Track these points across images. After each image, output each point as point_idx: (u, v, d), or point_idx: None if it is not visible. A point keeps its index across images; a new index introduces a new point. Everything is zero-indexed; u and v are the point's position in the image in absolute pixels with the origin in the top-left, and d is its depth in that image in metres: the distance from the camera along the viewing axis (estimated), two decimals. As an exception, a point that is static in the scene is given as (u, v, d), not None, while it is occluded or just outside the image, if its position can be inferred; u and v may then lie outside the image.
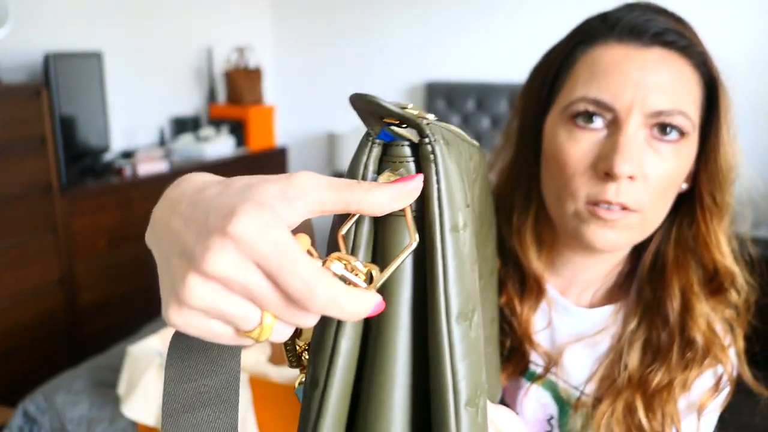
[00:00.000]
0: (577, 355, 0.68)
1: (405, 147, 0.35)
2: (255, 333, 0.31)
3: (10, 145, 2.06)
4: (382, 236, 0.35)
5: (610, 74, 0.57)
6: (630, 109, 0.56)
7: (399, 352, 0.34)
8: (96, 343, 2.36)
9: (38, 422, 1.42)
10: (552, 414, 0.69)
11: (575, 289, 0.70)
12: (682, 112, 0.57)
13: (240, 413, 1.13)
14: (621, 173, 0.55)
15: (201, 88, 3.42)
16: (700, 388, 0.66)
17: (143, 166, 2.65)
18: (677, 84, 0.58)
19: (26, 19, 2.47)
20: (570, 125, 0.59)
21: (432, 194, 0.33)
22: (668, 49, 0.58)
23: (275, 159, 3.43)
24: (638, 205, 0.58)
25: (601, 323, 0.68)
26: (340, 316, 0.31)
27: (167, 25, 3.16)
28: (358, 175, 0.36)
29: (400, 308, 0.34)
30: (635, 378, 0.64)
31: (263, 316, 0.31)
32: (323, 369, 0.34)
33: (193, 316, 0.30)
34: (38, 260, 2.19)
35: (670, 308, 0.64)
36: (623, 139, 0.56)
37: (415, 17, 3.42)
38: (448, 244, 0.33)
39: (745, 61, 2.78)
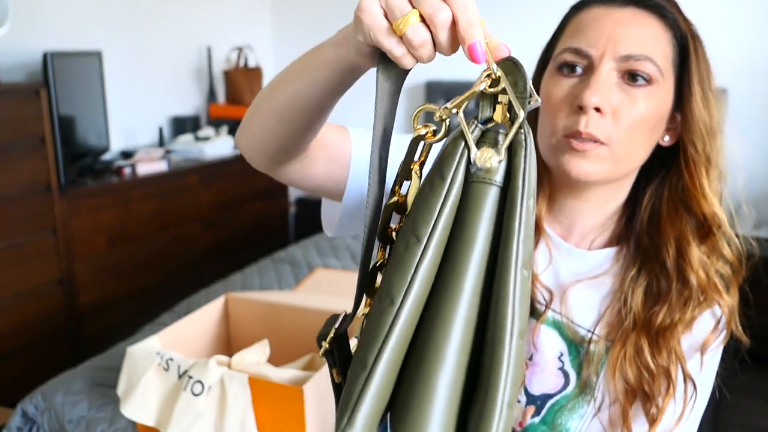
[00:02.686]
0: (581, 294, 0.74)
1: (500, 133, 0.43)
2: (399, 23, 0.43)
3: (10, 145, 2.06)
4: None
5: (589, 28, 0.68)
6: (603, 55, 0.66)
7: (465, 291, 0.42)
8: (95, 343, 2.35)
9: (37, 423, 1.41)
10: (561, 351, 0.75)
11: (575, 236, 0.77)
12: (649, 58, 0.66)
13: (240, 413, 1.12)
14: (588, 104, 0.64)
15: (200, 87, 3.42)
16: (701, 329, 0.72)
17: (143, 166, 2.65)
18: (647, 36, 0.67)
19: (25, 19, 2.47)
20: (557, 75, 0.69)
21: (519, 170, 0.41)
22: (642, 9, 0.68)
23: (275, 159, 3.42)
24: (607, 138, 0.66)
25: (603, 265, 0.75)
26: (460, 16, 0.43)
27: (167, 24, 3.16)
28: (459, 147, 0.43)
29: (471, 259, 0.42)
30: (640, 320, 0.71)
31: (410, 12, 0.43)
32: (401, 288, 0.41)
33: (371, 3, 0.45)
34: (37, 260, 2.19)
35: (666, 255, 0.71)
36: (594, 78, 0.66)
37: (415, 17, 3.42)
38: (525, 209, 0.41)
39: (746, 61, 2.78)
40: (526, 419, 0.76)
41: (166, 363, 1.18)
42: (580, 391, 0.74)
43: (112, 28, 2.87)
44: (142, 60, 3.05)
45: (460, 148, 0.42)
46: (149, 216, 2.64)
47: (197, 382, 1.14)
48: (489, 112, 0.44)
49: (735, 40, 2.78)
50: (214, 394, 1.14)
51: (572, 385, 0.74)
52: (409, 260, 0.41)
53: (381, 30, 0.45)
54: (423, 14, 0.44)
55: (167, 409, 1.17)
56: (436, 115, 0.44)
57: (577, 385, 0.74)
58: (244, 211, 3.21)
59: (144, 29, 3.03)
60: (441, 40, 0.45)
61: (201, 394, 1.14)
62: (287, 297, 1.58)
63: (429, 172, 0.44)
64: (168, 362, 1.18)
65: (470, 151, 0.42)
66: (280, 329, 1.40)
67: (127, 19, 2.94)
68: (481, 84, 0.43)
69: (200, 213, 2.93)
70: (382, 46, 0.46)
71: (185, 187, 2.82)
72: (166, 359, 1.18)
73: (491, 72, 0.43)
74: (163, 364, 1.19)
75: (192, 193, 2.86)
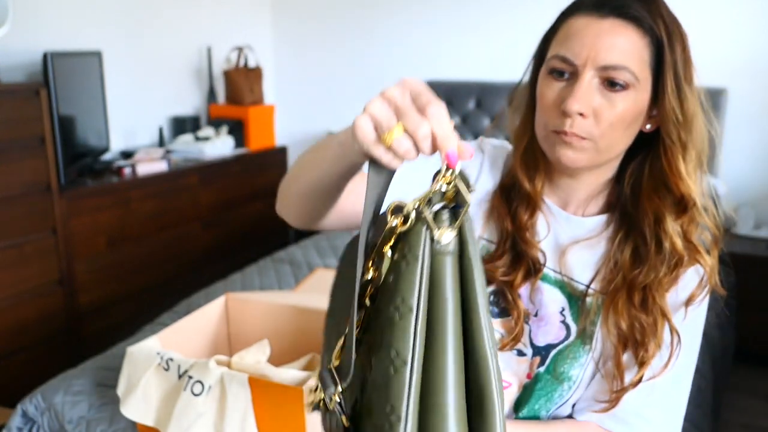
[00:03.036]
0: (578, 255, 0.87)
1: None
2: (386, 135, 0.53)
3: (9, 145, 2.06)
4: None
5: (574, 38, 0.77)
6: (585, 64, 0.76)
7: (450, 335, 0.52)
8: (95, 343, 2.35)
9: (37, 423, 1.41)
10: (563, 306, 0.87)
11: (572, 205, 0.89)
12: (625, 67, 0.75)
13: (240, 413, 1.12)
14: (571, 111, 0.76)
15: (200, 87, 3.42)
16: (687, 285, 0.84)
17: (143, 166, 2.65)
18: (624, 47, 0.75)
19: (25, 19, 2.47)
20: (548, 78, 0.80)
21: (467, 239, 0.53)
22: (620, 19, 0.75)
23: (275, 159, 3.42)
24: (589, 135, 0.78)
25: (596, 229, 0.88)
26: (437, 130, 0.52)
27: (167, 24, 3.16)
28: (423, 232, 0.53)
29: (449, 311, 0.53)
30: (628, 279, 0.82)
31: (395, 127, 0.52)
32: (408, 350, 0.51)
33: (365, 118, 0.54)
34: (37, 260, 2.19)
35: (645, 224, 0.82)
36: (577, 86, 0.76)
37: (415, 17, 3.41)
38: (477, 266, 0.53)
39: (746, 61, 2.78)
40: (534, 370, 0.87)
41: (166, 363, 1.18)
42: (579, 339, 0.85)
43: (112, 28, 2.87)
44: (142, 60, 3.05)
45: (424, 232, 0.52)
46: (149, 216, 2.64)
47: (197, 382, 1.14)
48: (439, 198, 0.54)
49: (735, 40, 2.78)
50: (214, 394, 1.14)
51: (573, 335, 0.86)
52: (408, 326, 0.51)
53: (371, 142, 0.54)
54: (406, 128, 0.52)
55: (167, 409, 1.17)
56: (405, 209, 0.54)
57: (576, 335, 0.86)
58: (244, 211, 3.21)
59: (144, 29, 3.03)
60: (422, 148, 0.53)
61: (201, 394, 1.14)
62: (287, 297, 1.58)
63: (401, 253, 0.53)
64: (168, 362, 1.18)
65: (433, 234, 0.52)
66: (280, 329, 1.40)
67: (127, 19, 2.94)
68: (440, 184, 0.53)
69: (200, 213, 2.92)
70: (372, 155, 0.55)
71: (185, 187, 2.82)
72: (166, 359, 1.18)
73: (452, 178, 0.52)
74: (163, 364, 1.19)
75: (192, 193, 2.86)
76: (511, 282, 0.87)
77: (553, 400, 0.87)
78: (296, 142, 3.89)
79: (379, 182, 0.56)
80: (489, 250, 0.91)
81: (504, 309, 0.87)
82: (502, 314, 0.88)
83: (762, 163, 2.84)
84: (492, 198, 0.91)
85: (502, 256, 0.88)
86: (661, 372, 0.82)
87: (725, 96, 2.77)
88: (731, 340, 2.34)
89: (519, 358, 0.88)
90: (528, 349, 0.88)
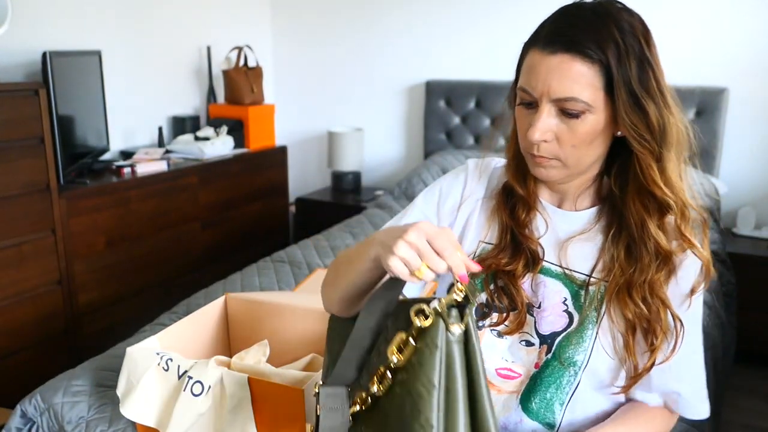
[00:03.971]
0: (577, 248, 0.95)
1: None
2: (417, 272, 0.71)
3: (8, 145, 2.05)
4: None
5: (531, 72, 0.85)
6: (541, 97, 0.84)
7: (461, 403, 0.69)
8: (95, 343, 2.35)
9: (36, 423, 1.41)
10: (565, 296, 0.94)
11: (566, 202, 0.98)
12: (575, 99, 0.82)
13: (240, 414, 1.12)
14: (532, 139, 0.86)
15: (200, 87, 3.41)
16: (687, 277, 0.90)
17: (142, 166, 2.65)
18: (573, 80, 0.82)
19: (25, 18, 2.46)
20: (520, 107, 0.89)
21: (471, 330, 0.70)
22: (568, 54, 0.82)
23: (275, 158, 3.42)
24: (555, 156, 0.87)
25: (590, 221, 0.95)
26: (451, 263, 0.71)
27: (166, 24, 3.15)
28: (441, 326, 0.69)
29: (460, 384, 0.69)
30: (626, 275, 0.89)
31: (422, 266, 0.71)
32: (434, 418, 0.67)
33: (396, 259, 0.71)
34: (36, 260, 2.19)
35: (632, 223, 0.89)
36: (536, 117, 0.85)
37: (415, 17, 3.41)
38: (478, 350, 0.71)
39: (746, 61, 2.78)
40: (542, 358, 0.94)
41: (165, 363, 1.18)
42: (581, 325, 0.92)
43: (111, 27, 2.86)
44: (142, 60, 3.05)
45: (442, 326, 0.68)
46: (149, 216, 2.64)
47: (197, 383, 1.14)
48: (452, 300, 0.70)
49: (735, 40, 2.78)
50: (214, 394, 1.14)
51: (575, 322, 0.93)
52: (432, 401, 0.67)
53: (406, 276, 0.72)
54: (429, 266, 0.71)
55: (167, 410, 1.17)
56: (427, 311, 0.69)
57: (579, 322, 0.93)
58: (243, 211, 3.21)
59: (143, 29, 3.03)
60: (441, 273, 0.72)
61: (201, 394, 1.13)
62: (287, 297, 1.58)
63: (424, 342, 0.69)
64: (168, 363, 1.18)
65: (449, 328, 0.68)
66: (280, 329, 1.40)
67: (127, 19, 2.94)
68: (455, 295, 0.70)
69: (200, 213, 2.92)
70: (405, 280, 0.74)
71: (185, 187, 2.82)
72: (166, 360, 1.18)
73: (463, 289, 0.70)
74: (163, 364, 1.18)
75: (191, 193, 2.86)
76: (513, 272, 0.95)
77: (562, 388, 0.93)
78: (296, 141, 3.89)
79: (391, 295, 0.77)
80: (489, 250, 0.99)
81: (510, 300, 0.95)
82: (508, 306, 0.96)
83: (762, 163, 2.84)
84: (491, 202, 1.01)
85: (503, 248, 0.97)
86: (670, 356, 0.90)
87: (725, 96, 2.77)
88: (732, 340, 2.34)
89: (528, 348, 0.95)
90: (535, 339, 0.95)
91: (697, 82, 2.82)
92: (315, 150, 3.87)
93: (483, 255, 0.98)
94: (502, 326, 0.96)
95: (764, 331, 2.62)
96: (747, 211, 2.79)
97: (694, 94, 2.77)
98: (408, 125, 3.59)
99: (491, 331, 0.97)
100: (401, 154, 3.65)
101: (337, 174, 3.59)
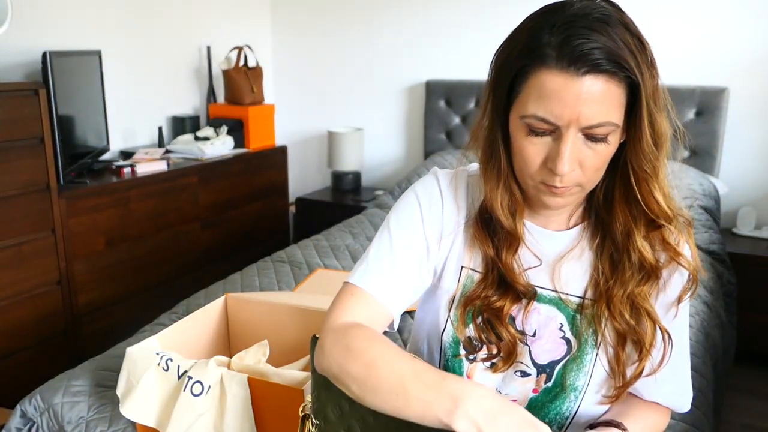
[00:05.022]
0: (569, 268, 0.89)
1: None
2: None
3: (8, 145, 2.05)
4: None
5: (553, 99, 0.74)
6: (568, 125, 0.75)
7: None
8: (94, 343, 2.35)
9: (36, 423, 1.41)
10: (561, 322, 0.89)
11: (554, 222, 0.91)
12: (606, 123, 0.75)
13: (239, 414, 1.12)
14: (562, 173, 0.77)
15: (200, 87, 3.41)
16: (674, 287, 0.88)
17: (142, 166, 2.64)
18: (603, 101, 0.74)
19: (25, 18, 2.46)
20: (527, 132, 0.79)
21: None
22: (597, 74, 0.73)
23: (275, 158, 3.42)
24: (578, 183, 0.80)
25: (576, 239, 0.90)
26: None
27: (166, 24, 3.15)
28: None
29: None
30: (612, 286, 0.86)
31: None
32: None
33: None
34: (36, 260, 2.19)
35: (617, 231, 0.85)
36: (564, 148, 0.76)
37: (415, 17, 3.41)
38: None
39: (746, 61, 2.78)
40: (540, 385, 0.90)
41: (165, 363, 1.18)
42: (581, 350, 0.88)
43: (111, 27, 2.86)
44: (142, 60, 3.05)
45: None
46: (148, 216, 2.64)
47: (197, 383, 1.14)
48: None
49: (735, 40, 2.78)
50: (214, 394, 1.14)
51: (574, 348, 0.89)
52: None
53: None
54: None
55: (167, 410, 1.17)
56: None
57: (578, 347, 0.89)
58: (243, 211, 3.21)
59: (143, 29, 3.03)
60: None
61: (201, 394, 1.13)
62: (287, 297, 1.58)
63: None
64: (167, 363, 1.18)
65: None
66: (280, 329, 1.39)
67: (127, 19, 2.94)
68: None
69: (200, 213, 2.92)
70: None
71: (184, 187, 2.82)
72: (166, 360, 1.18)
73: None
74: (163, 364, 1.18)
75: (191, 193, 2.86)
76: (501, 308, 0.88)
77: (562, 413, 0.90)
78: (296, 141, 3.89)
79: None
80: (474, 279, 0.91)
81: (497, 337, 0.88)
82: (496, 342, 0.88)
83: (762, 163, 2.84)
84: (470, 227, 0.91)
85: (491, 283, 0.89)
86: (658, 369, 0.87)
87: (725, 96, 2.77)
88: (732, 340, 2.34)
89: (523, 379, 0.91)
90: (531, 369, 0.90)
91: (697, 82, 2.82)
92: (315, 150, 3.87)
93: (469, 290, 0.90)
94: (494, 360, 0.90)
95: (764, 331, 2.62)
96: (747, 211, 2.80)
97: (694, 94, 2.77)
98: (408, 125, 3.59)
99: (483, 364, 0.91)
100: (401, 154, 3.65)
101: (337, 174, 3.59)
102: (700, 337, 1.78)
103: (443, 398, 0.68)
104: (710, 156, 2.81)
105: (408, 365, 0.74)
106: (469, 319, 0.90)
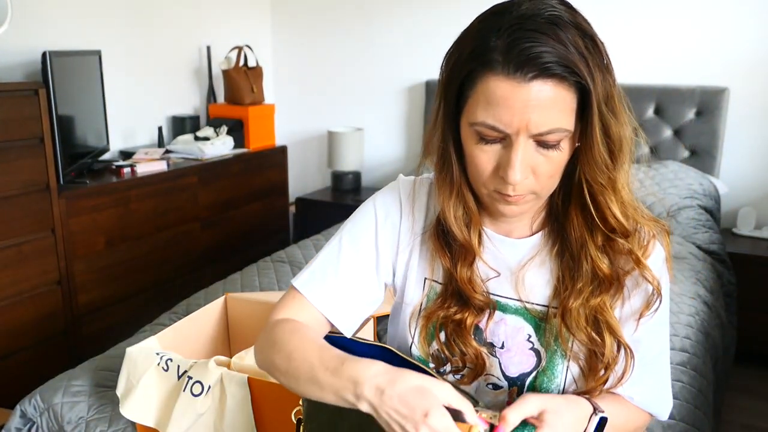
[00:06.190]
0: (532, 276, 0.86)
1: None
2: None
3: (8, 145, 2.05)
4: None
5: (501, 106, 0.71)
6: (518, 132, 0.72)
7: None
8: (94, 343, 2.35)
9: (36, 423, 1.41)
10: (529, 333, 0.87)
11: (516, 229, 0.88)
12: (557, 129, 0.72)
13: (239, 413, 1.12)
14: (514, 182, 0.74)
15: (200, 87, 3.41)
16: (638, 295, 0.84)
17: (142, 165, 2.64)
18: (553, 107, 0.71)
19: (25, 18, 2.46)
20: (477, 139, 0.76)
21: None
22: (546, 79, 0.70)
23: (275, 158, 3.42)
24: (532, 191, 0.77)
25: (537, 246, 0.87)
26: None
27: (166, 24, 3.15)
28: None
29: None
30: (571, 294, 0.82)
31: None
32: None
33: None
34: (36, 260, 2.18)
35: (573, 237, 0.83)
36: (514, 156, 0.73)
37: (415, 17, 3.41)
38: None
39: (746, 61, 2.78)
40: (513, 398, 0.87)
41: (165, 363, 1.18)
42: (551, 361, 0.86)
43: (111, 27, 2.86)
44: (142, 59, 3.05)
45: None
46: (148, 216, 2.64)
47: (197, 383, 1.14)
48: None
49: (735, 40, 2.78)
50: (214, 394, 1.14)
51: (544, 360, 0.86)
52: None
53: None
54: None
55: (167, 410, 1.17)
56: None
57: (547, 358, 0.86)
58: (243, 211, 3.21)
59: (143, 29, 3.03)
60: None
61: (200, 394, 1.13)
62: (287, 297, 1.58)
63: None
64: (167, 363, 1.18)
65: None
66: (280, 329, 1.39)
67: (127, 19, 2.94)
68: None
69: (199, 213, 2.92)
70: None
71: (184, 187, 2.82)
72: (166, 360, 1.18)
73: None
74: (163, 364, 1.18)
75: (191, 193, 2.86)
76: (463, 320, 0.86)
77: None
78: (296, 141, 3.89)
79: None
80: (437, 290, 0.89)
81: (461, 352, 0.87)
82: (460, 356, 0.87)
83: (762, 163, 2.84)
84: (429, 239, 0.89)
85: (450, 295, 0.87)
86: (617, 384, 0.84)
87: (725, 96, 2.77)
88: (732, 340, 2.34)
89: (495, 391, 0.89)
90: (502, 381, 0.88)
91: (697, 82, 2.82)
92: (315, 150, 3.87)
93: (431, 304, 0.89)
94: (462, 372, 0.88)
95: (764, 331, 2.62)
96: (747, 211, 2.80)
97: (694, 94, 2.77)
98: (408, 125, 3.59)
99: (452, 376, 0.89)
100: (401, 154, 3.65)
101: (337, 174, 3.59)
102: (700, 337, 1.78)
103: (346, 384, 0.70)
104: (710, 156, 2.81)
105: (315, 353, 0.76)
106: (432, 332, 0.88)
